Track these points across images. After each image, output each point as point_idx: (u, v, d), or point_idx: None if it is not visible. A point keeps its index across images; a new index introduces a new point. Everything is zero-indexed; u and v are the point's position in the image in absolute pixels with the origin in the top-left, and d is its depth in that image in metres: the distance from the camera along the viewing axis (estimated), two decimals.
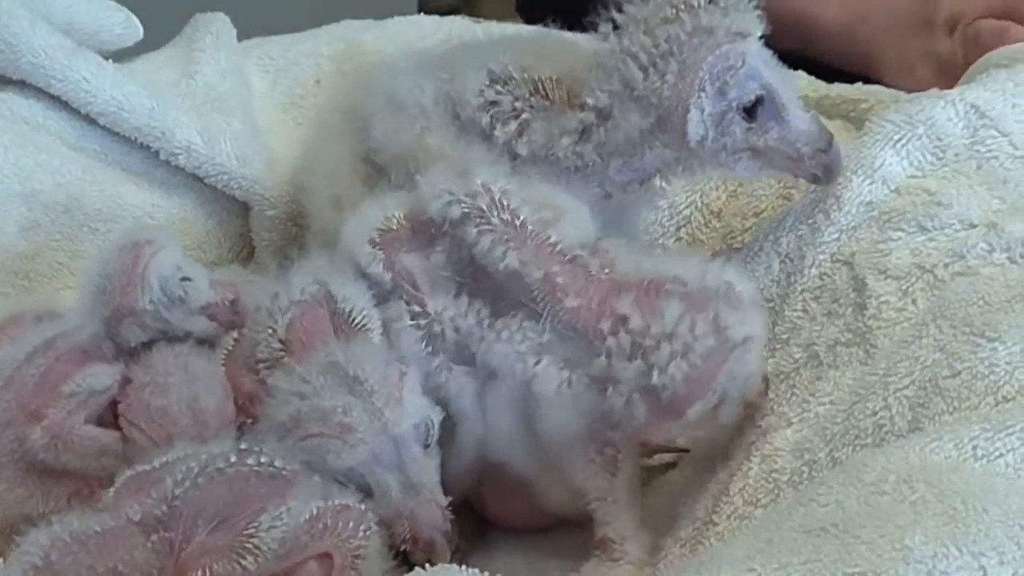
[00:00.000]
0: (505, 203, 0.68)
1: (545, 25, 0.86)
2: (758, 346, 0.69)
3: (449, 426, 0.69)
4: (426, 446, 0.66)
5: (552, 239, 0.68)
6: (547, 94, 0.75)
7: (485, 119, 0.75)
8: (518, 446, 0.70)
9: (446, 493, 0.67)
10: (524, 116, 0.75)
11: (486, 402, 0.69)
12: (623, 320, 0.66)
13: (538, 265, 0.67)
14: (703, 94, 0.72)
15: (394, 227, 0.70)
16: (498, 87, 0.76)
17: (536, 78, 0.76)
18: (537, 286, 0.67)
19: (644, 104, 0.72)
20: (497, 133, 0.75)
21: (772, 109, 0.73)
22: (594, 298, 0.67)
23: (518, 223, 0.68)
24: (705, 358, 0.66)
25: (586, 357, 0.67)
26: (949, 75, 0.86)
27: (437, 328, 0.68)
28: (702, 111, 0.72)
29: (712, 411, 0.67)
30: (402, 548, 0.64)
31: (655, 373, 0.66)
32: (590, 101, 0.74)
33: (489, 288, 0.68)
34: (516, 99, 0.75)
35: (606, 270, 0.68)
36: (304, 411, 0.63)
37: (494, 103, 0.75)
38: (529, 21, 1.12)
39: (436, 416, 0.67)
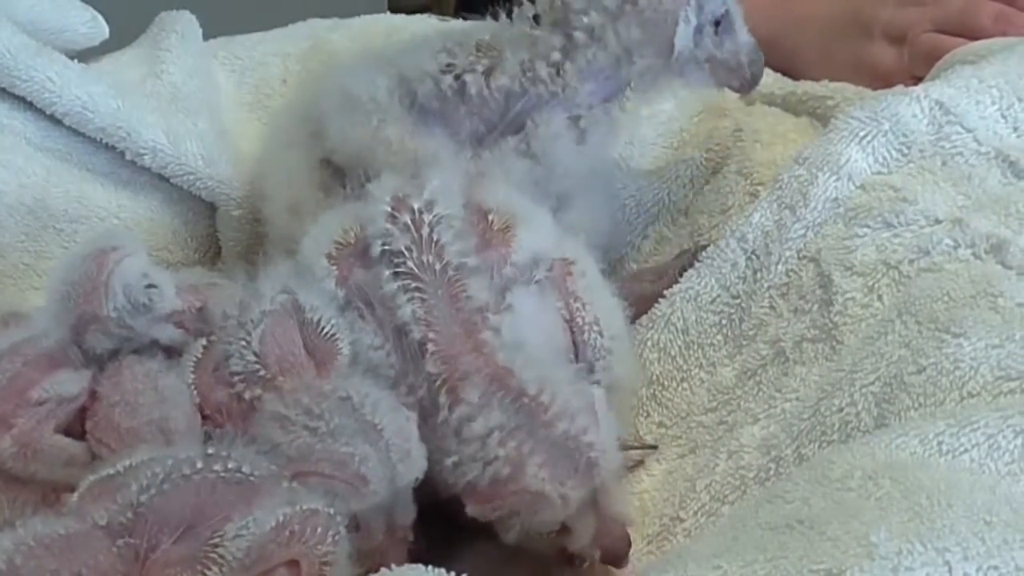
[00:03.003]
0: (435, 239, 0.67)
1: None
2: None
3: None
4: (414, 489, 0.65)
5: (467, 292, 0.67)
6: (492, 48, 0.79)
7: (447, 81, 0.77)
8: None
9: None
10: (488, 59, 0.78)
11: None
12: (461, 400, 0.65)
13: (423, 325, 0.66)
14: (688, 7, 0.79)
15: (352, 241, 0.69)
16: (455, 51, 0.79)
17: (485, 41, 0.79)
18: (415, 347, 0.66)
19: (639, 19, 0.78)
20: (466, 80, 0.77)
21: (728, 23, 0.81)
22: (458, 370, 0.65)
23: (438, 267, 0.67)
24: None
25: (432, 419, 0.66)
26: (889, 85, 0.85)
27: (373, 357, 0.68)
28: (688, 23, 0.79)
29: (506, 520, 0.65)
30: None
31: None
32: (584, 20, 0.78)
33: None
34: (469, 55, 0.79)
35: (498, 351, 0.66)
36: (317, 449, 0.62)
37: (451, 65, 0.78)
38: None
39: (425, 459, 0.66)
